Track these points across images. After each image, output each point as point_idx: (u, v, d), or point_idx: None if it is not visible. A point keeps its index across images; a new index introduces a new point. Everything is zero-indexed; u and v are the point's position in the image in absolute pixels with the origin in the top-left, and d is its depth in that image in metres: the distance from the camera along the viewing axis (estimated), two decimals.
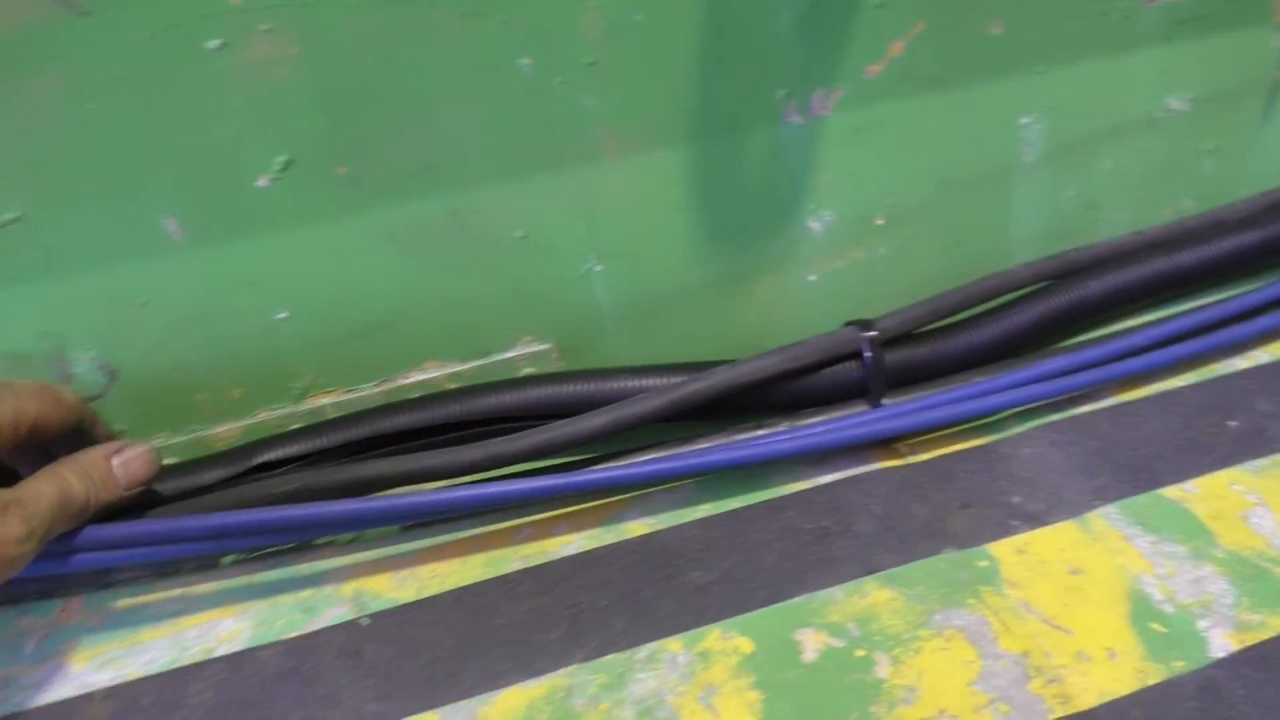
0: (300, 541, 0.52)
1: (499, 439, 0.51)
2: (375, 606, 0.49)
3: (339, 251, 0.52)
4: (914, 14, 0.54)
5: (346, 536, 0.53)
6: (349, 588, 0.50)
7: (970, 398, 0.53)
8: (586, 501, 0.53)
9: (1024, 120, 0.60)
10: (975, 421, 0.55)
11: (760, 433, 0.56)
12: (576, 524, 0.52)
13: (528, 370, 0.58)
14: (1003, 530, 0.49)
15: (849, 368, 0.56)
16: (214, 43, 0.45)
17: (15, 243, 0.47)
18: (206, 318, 0.52)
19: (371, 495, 0.49)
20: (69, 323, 0.51)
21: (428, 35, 0.47)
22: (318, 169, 0.49)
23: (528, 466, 0.52)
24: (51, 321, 0.50)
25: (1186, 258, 0.61)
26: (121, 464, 0.46)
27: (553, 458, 0.53)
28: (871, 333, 0.55)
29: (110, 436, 0.50)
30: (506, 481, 0.49)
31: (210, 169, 0.48)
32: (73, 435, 0.47)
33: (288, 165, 0.49)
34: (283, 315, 0.53)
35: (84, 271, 0.49)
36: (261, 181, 0.49)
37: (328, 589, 0.50)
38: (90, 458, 0.46)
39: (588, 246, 0.56)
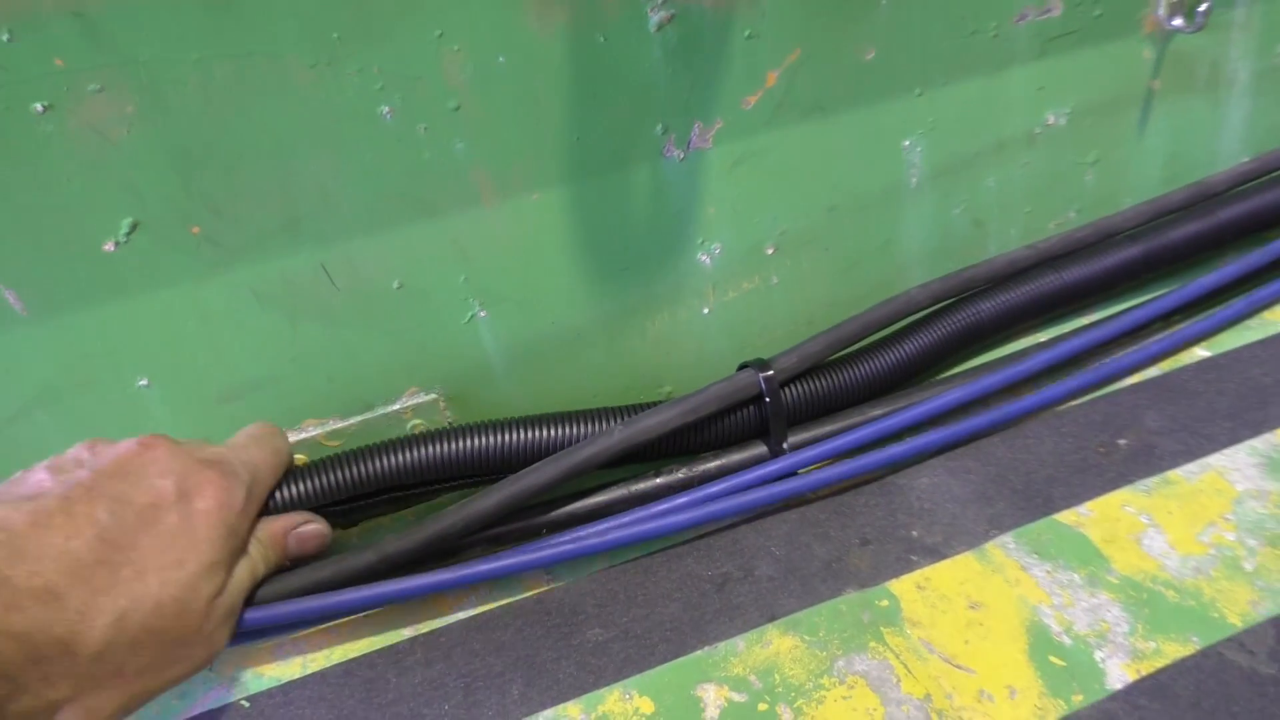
0: None
1: (391, 538, 0.48)
2: (256, 686, 0.47)
3: (201, 313, 0.49)
4: (787, 42, 0.53)
5: None
6: (227, 667, 0.48)
7: (873, 440, 0.53)
8: None
9: (906, 142, 0.59)
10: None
11: (658, 491, 0.54)
12: (470, 585, 0.50)
13: (415, 422, 0.55)
14: (903, 566, 0.48)
15: (749, 410, 0.54)
16: (39, 105, 0.41)
17: None
18: (61, 391, 0.49)
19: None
20: None
21: (277, 87, 0.44)
22: (169, 229, 0.46)
23: None
24: None
25: (1075, 273, 0.61)
26: (296, 538, 0.48)
27: (448, 544, 0.50)
28: (768, 373, 0.53)
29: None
30: (396, 581, 0.47)
31: (49, 237, 0.45)
32: None
33: (135, 227, 0.46)
34: (143, 383, 0.50)
35: None
36: (107, 246, 0.46)
37: (203, 670, 0.47)
38: (271, 531, 0.47)
39: (469, 293, 0.54)
